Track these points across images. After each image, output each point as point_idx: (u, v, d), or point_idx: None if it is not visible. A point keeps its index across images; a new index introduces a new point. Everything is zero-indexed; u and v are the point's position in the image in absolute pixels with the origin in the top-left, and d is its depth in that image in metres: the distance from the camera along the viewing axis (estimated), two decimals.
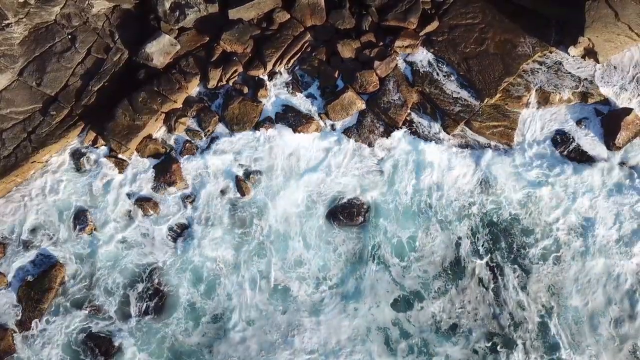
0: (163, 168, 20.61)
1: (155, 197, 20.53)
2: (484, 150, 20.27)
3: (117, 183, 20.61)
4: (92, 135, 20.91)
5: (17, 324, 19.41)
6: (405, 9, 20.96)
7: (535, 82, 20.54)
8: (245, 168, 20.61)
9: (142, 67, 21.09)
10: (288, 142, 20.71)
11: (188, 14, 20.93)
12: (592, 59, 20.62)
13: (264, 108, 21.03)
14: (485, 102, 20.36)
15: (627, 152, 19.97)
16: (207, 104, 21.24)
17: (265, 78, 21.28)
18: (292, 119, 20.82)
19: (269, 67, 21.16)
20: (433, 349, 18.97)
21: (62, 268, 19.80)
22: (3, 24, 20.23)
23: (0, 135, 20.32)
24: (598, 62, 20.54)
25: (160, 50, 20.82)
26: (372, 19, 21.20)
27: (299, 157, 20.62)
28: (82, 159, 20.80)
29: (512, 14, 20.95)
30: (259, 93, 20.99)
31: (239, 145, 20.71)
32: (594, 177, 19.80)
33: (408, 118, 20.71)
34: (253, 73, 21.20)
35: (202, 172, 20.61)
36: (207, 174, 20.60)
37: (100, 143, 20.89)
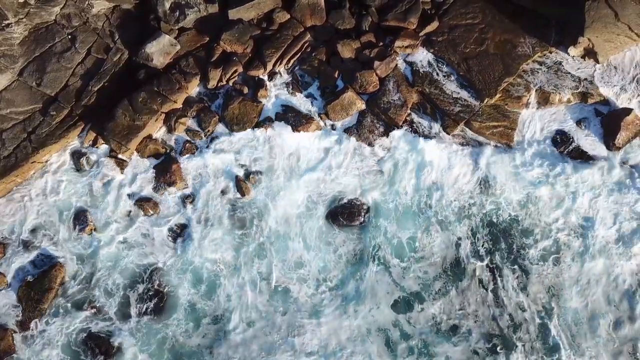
0: (163, 168, 20.61)
1: (155, 197, 20.53)
2: (484, 150, 20.27)
3: (117, 183, 20.62)
4: (92, 136, 20.92)
5: (17, 324, 19.41)
6: (405, 9, 20.96)
7: (535, 82, 20.53)
8: (245, 168, 20.61)
9: (142, 67, 21.09)
10: (288, 142, 20.71)
11: (188, 14, 20.93)
12: (592, 59, 20.61)
13: (264, 108, 21.03)
14: (485, 102, 20.35)
15: (627, 152, 19.97)
16: (207, 104, 21.24)
17: (265, 78, 21.27)
18: (292, 119, 20.82)
19: (269, 67, 21.15)
20: (433, 350, 18.96)
21: (62, 268, 19.80)
22: (3, 24, 20.23)
23: (0, 136, 20.32)
24: (598, 62, 20.54)
25: (160, 51, 20.82)
26: (372, 19, 21.20)
27: (299, 157, 20.63)
28: (82, 159, 20.81)
29: (512, 14, 20.95)
30: (259, 93, 20.99)
31: (239, 146, 20.71)
32: (594, 177, 19.80)
33: (408, 118, 20.70)
34: (253, 73, 21.20)
35: (202, 172, 20.61)
36: (207, 174, 20.60)
37: (100, 143, 20.91)
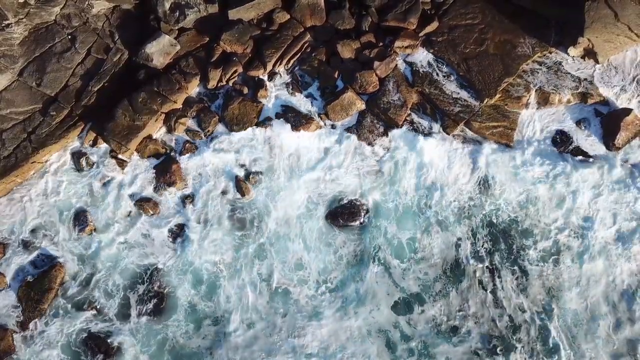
0: (163, 168, 20.62)
1: (155, 197, 20.53)
2: (484, 150, 20.27)
3: (117, 183, 20.63)
4: (92, 136, 20.93)
5: (17, 324, 19.42)
6: (405, 10, 20.97)
7: (535, 82, 20.54)
8: (245, 168, 20.61)
9: (142, 67, 21.09)
10: (288, 142, 20.71)
11: (188, 15, 20.94)
12: (591, 60, 20.62)
13: (264, 108, 21.03)
14: (485, 102, 20.36)
15: (626, 152, 19.97)
16: (207, 105, 21.25)
17: (265, 78, 21.28)
18: (292, 119, 20.82)
19: (269, 67, 21.16)
20: (433, 351, 18.93)
21: (62, 268, 19.80)
22: (3, 24, 20.23)
23: (0, 136, 20.32)
24: (598, 62, 20.54)
25: (160, 51, 20.83)
26: (371, 20, 21.20)
27: (299, 157, 20.63)
28: (82, 160, 20.81)
29: (511, 15, 20.95)
30: (259, 93, 21.00)
31: (239, 146, 20.71)
32: (594, 176, 19.80)
33: (408, 118, 20.71)
34: (253, 73, 21.21)
35: (202, 172, 20.62)
36: (207, 175, 20.61)
37: (100, 143, 20.91)
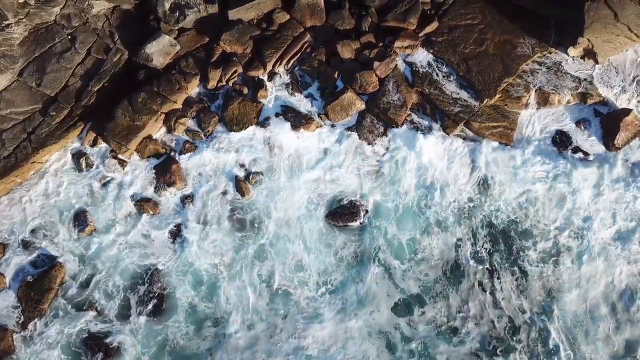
0: (163, 168, 20.62)
1: (155, 197, 20.53)
2: (483, 151, 20.27)
3: (116, 184, 20.63)
4: (92, 136, 20.93)
5: (17, 325, 19.41)
6: (405, 10, 20.98)
7: (535, 82, 20.55)
8: (245, 169, 20.61)
9: (142, 67, 21.10)
10: (288, 142, 20.71)
11: (188, 15, 20.94)
12: (591, 60, 20.63)
13: (264, 108, 21.04)
14: (485, 102, 20.36)
15: (626, 152, 19.97)
16: (206, 105, 21.25)
17: (265, 78, 21.28)
18: (291, 120, 20.82)
19: (269, 67, 21.17)
20: (434, 353, 18.89)
21: (62, 268, 19.80)
22: (3, 25, 20.24)
23: (0, 136, 20.33)
24: (597, 62, 20.56)
25: (160, 51, 20.83)
26: (371, 20, 21.21)
27: (299, 157, 20.63)
28: (82, 160, 20.82)
29: (511, 15, 20.97)
30: (259, 93, 21.00)
31: (239, 146, 20.71)
32: (594, 176, 19.80)
33: (408, 118, 20.72)
34: (253, 73, 21.21)
35: (202, 172, 20.62)
36: (206, 175, 20.61)
37: (100, 143, 20.91)
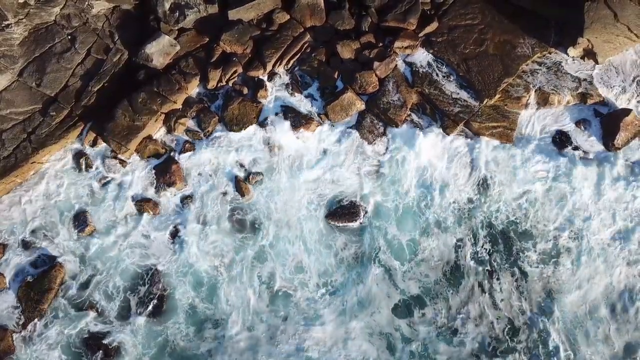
0: (163, 169, 20.62)
1: (155, 198, 20.53)
2: (483, 151, 20.27)
3: (116, 184, 20.62)
4: (91, 136, 20.93)
5: (16, 325, 19.40)
6: (405, 10, 20.99)
7: (535, 83, 20.55)
8: (245, 169, 20.62)
9: (141, 67, 21.10)
10: (288, 142, 20.72)
11: (188, 15, 20.95)
12: (591, 60, 20.64)
13: (264, 109, 21.04)
14: (485, 102, 20.37)
15: (626, 152, 19.97)
16: (206, 105, 21.26)
17: (265, 79, 21.29)
18: (291, 120, 20.83)
19: (269, 67, 21.17)
20: (434, 354, 18.85)
21: (61, 269, 19.80)
22: (3, 25, 20.23)
23: (0, 136, 20.32)
24: (597, 63, 20.57)
25: (160, 51, 20.84)
26: (371, 20, 21.22)
27: (299, 157, 20.62)
28: (81, 160, 20.82)
29: (511, 15, 20.98)
30: (259, 94, 21.01)
31: (239, 146, 20.71)
32: (594, 177, 19.81)
33: (407, 118, 20.72)
34: (253, 74, 21.22)
35: (202, 173, 20.62)
36: (206, 175, 20.60)
37: (100, 144, 20.91)
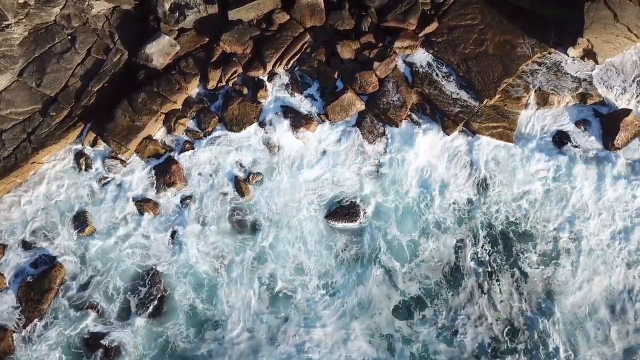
0: (163, 169, 20.62)
1: (155, 198, 20.52)
2: (483, 151, 20.28)
3: (116, 184, 20.62)
4: (91, 136, 20.93)
5: (16, 325, 19.40)
6: (405, 10, 20.99)
7: (535, 83, 20.56)
8: (245, 169, 20.62)
9: (141, 67, 21.10)
10: (287, 142, 20.72)
11: (188, 15, 20.95)
12: (591, 60, 20.65)
13: (264, 109, 21.04)
14: (485, 102, 20.37)
15: (626, 152, 19.97)
16: (206, 105, 21.26)
17: (265, 79, 21.30)
18: (291, 120, 20.83)
19: (269, 67, 21.18)
20: (434, 355, 18.83)
21: (61, 269, 19.79)
22: (3, 25, 20.23)
23: (0, 136, 20.32)
24: (597, 63, 20.57)
25: (160, 51, 20.84)
26: (371, 20, 21.23)
27: (298, 157, 20.63)
28: (81, 160, 20.82)
29: (511, 15, 20.99)
30: (259, 94, 21.02)
31: (239, 146, 20.72)
32: (594, 177, 19.82)
33: (407, 119, 20.72)
34: (253, 74, 21.22)
35: (202, 173, 20.62)
36: (206, 175, 20.60)
37: (100, 144, 20.91)
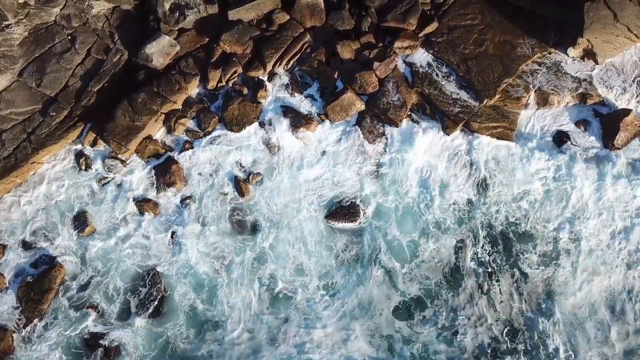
0: (163, 169, 20.61)
1: (155, 198, 20.52)
2: (483, 151, 20.28)
3: (116, 184, 20.61)
4: (91, 136, 20.93)
5: (16, 325, 19.39)
6: (405, 10, 21.00)
7: (535, 83, 20.57)
8: (245, 169, 20.62)
9: (141, 68, 21.11)
10: (287, 142, 20.72)
11: (188, 15, 20.95)
12: (591, 60, 20.65)
13: (264, 109, 21.05)
14: (485, 103, 20.37)
15: (626, 152, 19.98)
16: (206, 105, 21.26)
17: (265, 79, 21.30)
18: (291, 120, 20.83)
19: (269, 68, 21.18)
20: (434, 355, 18.82)
21: (61, 269, 19.79)
22: (3, 25, 20.24)
23: (0, 136, 20.32)
24: (597, 63, 20.58)
25: (160, 51, 20.84)
26: (371, 20, 21.23)
27: (298, 157, 20.62)
28: (81, 160, 20.82)
29: (511, 15, 21.00)
30: (259, 94, 21.02)
31: (238, 146, 20.71)
32: (594, 177, 19.82)
33: (407, 119, 20.70)
34: (253, 74, 21.22)
35: (202, 173, 20.61)
36: (206, 175, 20.60)
37: (100, 144, 20.90)
